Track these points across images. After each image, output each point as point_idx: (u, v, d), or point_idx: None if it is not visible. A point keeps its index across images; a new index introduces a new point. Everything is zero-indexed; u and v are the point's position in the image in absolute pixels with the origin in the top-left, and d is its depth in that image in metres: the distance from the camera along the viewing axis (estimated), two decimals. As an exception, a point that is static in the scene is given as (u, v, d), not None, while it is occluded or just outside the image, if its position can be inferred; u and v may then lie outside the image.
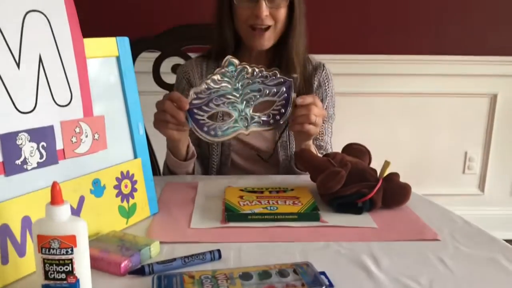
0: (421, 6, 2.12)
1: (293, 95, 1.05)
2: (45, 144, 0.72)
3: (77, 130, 0.78)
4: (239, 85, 1.02)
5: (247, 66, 1.01)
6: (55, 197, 0.59)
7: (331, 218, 0.91)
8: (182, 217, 0.91)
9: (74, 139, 0.78)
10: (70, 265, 0.60)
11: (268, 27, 1.22)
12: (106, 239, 0.77)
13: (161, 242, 0.78)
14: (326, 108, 1.37)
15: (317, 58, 1.40)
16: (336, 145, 1.27)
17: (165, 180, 1.15)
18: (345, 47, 2.13)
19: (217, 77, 1.00)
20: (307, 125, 1.06)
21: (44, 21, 0.73)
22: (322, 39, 2.10)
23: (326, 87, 1.37)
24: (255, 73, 1.02)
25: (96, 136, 0.82)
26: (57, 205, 0.59)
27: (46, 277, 0.60)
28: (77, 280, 0.60)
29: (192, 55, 1.59)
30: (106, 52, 0.86)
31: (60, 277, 0.60)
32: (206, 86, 1.00)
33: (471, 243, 0.81)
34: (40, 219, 0.60)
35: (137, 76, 0.92)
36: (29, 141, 0.70)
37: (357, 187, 0.94)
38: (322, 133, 1.37)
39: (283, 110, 1.05)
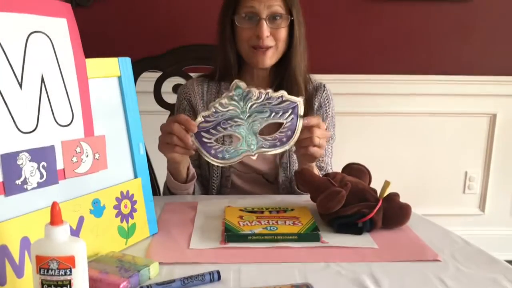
0: (421, 26, 2.14)
1: (300, 120, 1.04)
2: (45, 164, 0.72)
3: (78, 150, 0.78)
4: (247, 108, 1.02)
5: (254, 89, 1.01)
6: (55, 218, 0.59)
7: (331, 239, 0.90)
8: (181, 237, 0.91)
9: (74, 159, 0.78)
10: (68, 286, 0.59)
11: (270, 47, 1.23)
12: (105, 260, 0.77)
13: (160, 263, 0.77)
14: (326, 129, 1.37)
15: (317, 78, 1.41)
16: (336, 165, 1.27)
17: (165, 200, 1.15)
18: (345, 67, 2.15)
19: (224, 100, 1.00)
20: (311, 147, 1.05)
21: (47, 42, 0.74)
22: (322, 59, 2.12)
23: (327, 108, 1.37)
24: (262, 95, 1.02)
25: (97, 156, 0.82)
26: (56, 226, 0.59)
27: None
28: None
29: (194, 75, 1.61)
30: (108, 72, 0.86)
31: None
32: (214, 110, 1.00)
33: (472, 263, 0.80)
34: (39, 240, 0.60)
35: (138, 96, 0.93)
36: (30, 161, 0.70)
37: (357, 207, 0.94)
38: (322, 155, 1.37)
39: (289, 133, 1.05)
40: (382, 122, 2.25)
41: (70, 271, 0.59)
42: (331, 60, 2.12)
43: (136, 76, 1.52)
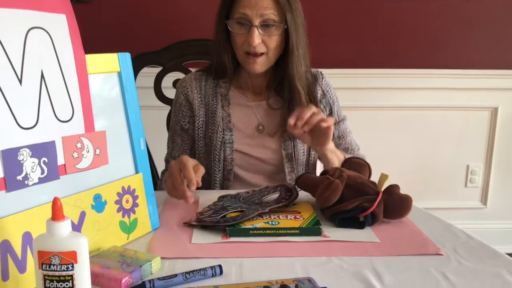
0: (422, 20, 2.13)
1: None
2: (46, 160, 0.72)
3: (79, 145, 0.78)
4: (239, 199, 1.06)
5: (242, 191, 1.09)
6: (56, 213, 0.59)
7: (333, 233, 0.90)
8: (183, 232, 0.91)
9: (75, 155, 0.78)
10: (70, 281, 0.59)
11: (261, 54, 1.22)
12: (107, 255, 0.77)
13: (162, 258, 0.77)
14: (337, 113, 1.40)
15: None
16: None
17: (166, 194, 1.15)
18: (346, 61, 2.14)
19: (215, 202, 1.05)
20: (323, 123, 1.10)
21: (47, 38, 0.74)
22: (323, 53, 2.11)
23: (331, 94, 1.39)
24: (250, 192, 1.09)
25: (98, 151, 0.82)
26: (58, 221, 0.59)
27: None
28: None
29: (194, 70, 1.60)
30: (107, 68, 0.86)
31: None
32: (208, 207, 1.01)
33: (474, 257, 0.80)
34: (40, 235, 0.60)
35: (139, 91, 0.92)
36: (31, 156, 0.70)
37: (358, 201, 0.94)
38: (343, 137, 1.39)
39: (289, 193, 1.06)
40: (383, 116, 2.24)
41: (72, 266, 0.59)
42: (331, 54, 2.11)
43: (136, 71, 1.52)
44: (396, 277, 0.73)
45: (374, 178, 1.05)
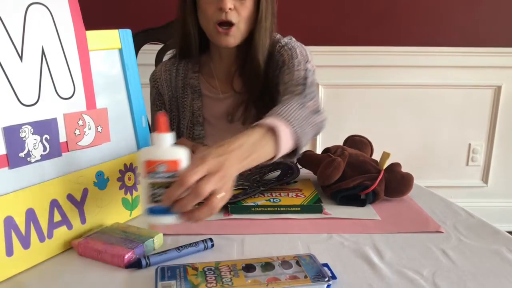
0: (425, -3, 2.11)
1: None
2: (48, 137, 0.72)
3: (80, 122, 0.78)
4: (242, 176, 1.03)
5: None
6: (161, 126, 0.67)
7: (334, 210, 0.91)
8: (185, 209, 0.91)
9: (77, 132, 0.78)
10: None
11: (233, 25, 1.12)
12: (109, 231, 0.77)
13: (164, 234, 0.78)
14: (299, 69, 1.14)
15: (318, 50, 1.36)
16: (338, 139, 1.26)
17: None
18: (347, 39, 2.12)
19: None
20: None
21: (47, 14, 0.73)
22: (322, 30, 2.09)
23: (289, 57, 1.16)
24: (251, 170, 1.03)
25: (99, 128, 0.82)
26: (164, 133, 0.67)
27: (151, 200, 0.66)
28: None
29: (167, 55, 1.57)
30: (108, 44, 0.86)
31: (161, 199, 0.65)
32: None
33: (474, 235, 0.81)
34: (146, 148, 0.67)
35: (140, 69, 0.92)
36: (33, 133, 0.70)
37: (359, 179, 0.94)
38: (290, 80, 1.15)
39: (290, 171, 1.04)
40: (385, 94, 2.24)
41: (175, 174, 0.65)
42: (331, 31, 2.09)
43: (137, 48, 1.51)
44: (397, 254, 0.74)
45: (376, 156, 1.05)
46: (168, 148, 0.67)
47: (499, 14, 2.15)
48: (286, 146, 0.82)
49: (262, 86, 1.19)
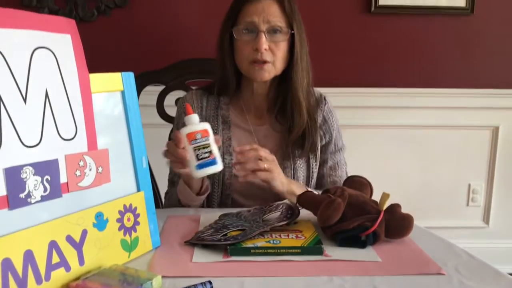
0: (422, 39, 2.15)
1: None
2: (49, 178, 0.73)
3: (81, 163, 0.79)
4: (242, 217, 1.06)
5: (244, 209, 1.11)
6: (190, 110, 1.00)
7: (334, 252, 0.90)
8: (184, 251, 0.91)
9: (78, 173, 0.78)
10: (208, 147, 0.98)
11: (267, 62, 1.21)
12: (108, 273, 0.77)
13: (163, 277, 0.77)
14: (335, 142, 1.38)
15: (317, 90, 1.40)
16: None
17: (168, 213, 1.15)
18: (346, 80, 2.15)
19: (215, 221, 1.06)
20: (259, 173, 1.14)
21: (52, 57, 0.75)
22: (322, 72, 2.12)
23: (331, 121, 1.37)
24: (251, 210, 1.09)
25: (100, 169, 0.82)
26: (193, 114, 1.00)
27: (197, 159, 0.97)
28: (215, 157, 0.99)
29: (194, 88, 1.61)
30: (111, 87, 0.87)
31: (205, 156, 0.97)
32: (209, 226, 1.01)
33: (476, 277, 0.80)
34: (184, 127, 0.99)
35: (141, 109, 0.93)
36: (34, 174, 0.70)
37: (359, 220, 0.94)
38: (334, 169, 1.36)
39: (290, 212, 1.05)
40: (384, 135, 2.25)
41: (208, 138, 0.99)
42: (331, 73, 2.12)
43: (139, 89, 1.53)
44: (398, 297, 0.73)
45: (376, 197, 1.05)
46: (198, 123, 0.99)
47: (494, 56, 2.20)
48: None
49: (304, 127, 1.28)
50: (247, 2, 1.22)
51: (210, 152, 0.97)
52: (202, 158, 0.97)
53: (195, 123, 0.99)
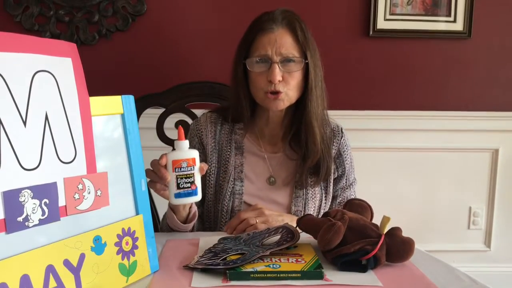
0: (420, 63, 2.17)
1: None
2: (47, 201, 0.72)
3: (80, 186, 0.78)
4: (240, 240, 1.05)
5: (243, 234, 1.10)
6: (181, 135, 0.99)
7: (335, 276, 0.89)
8: (183, 275, 0.90)
9: (76, 196, 0.78)
10: (192, 177, 0.99)
11: (281, 92, 1.21)
12: (105, 299, 0.76)
13: (161, 302, 0.76)
14: (347, 177, 1.37)
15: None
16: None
17: (166, 237, 1.14)
18: (345, 103, 2.16)
19: (215, 244, 1.05)
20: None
21: (52, 81, 0.76)
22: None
23: (346, 155, 1.37)
24: (251, 233, 1.08)
25: (99, 192, 0.82)
26: (183, 141, 0.99)
27: (178, 187, 0.98)
28: (196, 188, 0.99)
29: (196, 111, 1.62)
30: (111, 110, 0.87)
31: (186, 186, 0.98)
32: (208, 250, 1.00)
33: (478, 302, 0.79)
34: (170, 152, 0.99)
35: (141, 132, 0.93)
36: (32, 197, 0.70)
37: (360, 244, 0.93)
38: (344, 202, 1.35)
39: (290, 235, 1.03)
40: (383, 158, 2.25)
41: (193, 168, 0.99)
42: (330, 96, 2.13)
43: (139, 112, 1.54)
44: (400, 322, 0.72)
45: (376, 220, 1.04)
46: (187, 150, 0.99)
47: (493, 79, 2.21)
48: None
49: (318, 155, 1.27)
50: (259, 33, 1.22)
51: (192, 182, 0.98)
52: (182, 188, 0.98)
53: (184, 150, 0.98)
